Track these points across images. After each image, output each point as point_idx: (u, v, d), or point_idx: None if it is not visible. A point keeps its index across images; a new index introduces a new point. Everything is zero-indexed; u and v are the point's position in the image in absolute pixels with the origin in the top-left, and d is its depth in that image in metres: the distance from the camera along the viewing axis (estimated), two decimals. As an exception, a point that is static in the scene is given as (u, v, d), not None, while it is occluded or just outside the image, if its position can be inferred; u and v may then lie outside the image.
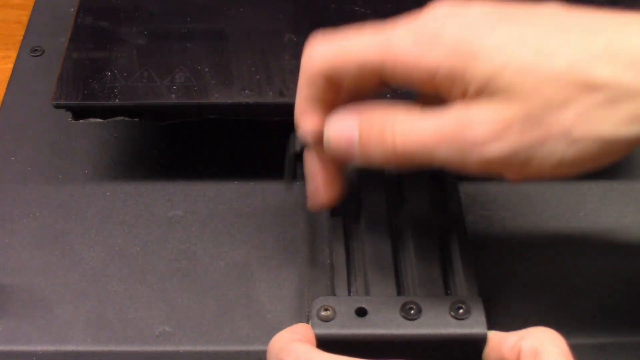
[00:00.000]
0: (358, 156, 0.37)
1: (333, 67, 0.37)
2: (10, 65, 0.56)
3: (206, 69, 0.47)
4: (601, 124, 0.33)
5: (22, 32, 0.58)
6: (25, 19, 0.60)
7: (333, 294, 0.41)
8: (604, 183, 0.49)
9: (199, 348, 0.42)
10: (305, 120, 0.39)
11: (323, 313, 0.38)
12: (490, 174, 0.35)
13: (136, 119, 0.46)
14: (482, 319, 0.37)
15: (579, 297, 0.44)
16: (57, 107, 0.46)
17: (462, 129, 0.34)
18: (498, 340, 0.37)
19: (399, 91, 0.44)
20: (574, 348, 0.35)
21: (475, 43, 0.34)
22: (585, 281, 0.44)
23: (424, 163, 0.35)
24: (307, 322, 0.38)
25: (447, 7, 0.36)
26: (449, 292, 0.41)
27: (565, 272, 0.45)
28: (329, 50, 0.37)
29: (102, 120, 0.46)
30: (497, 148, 0.34)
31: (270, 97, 0.46)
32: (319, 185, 0.40)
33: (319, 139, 0.38)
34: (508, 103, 0.33)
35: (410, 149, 0.35)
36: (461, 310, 0.38)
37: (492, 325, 0.38)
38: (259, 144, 0.51)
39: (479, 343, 0.37)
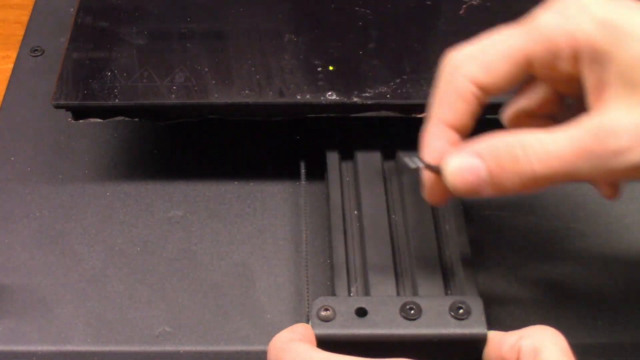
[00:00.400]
0: (489, 190, 0.36)
1: (481, 65, 0.36)
2: (10, 65, 0.56)
3: (206, 69, 0.47)
4: None
5: (22, 32, 0.58)
6: (25, 19, 0.60)
7: (333, 294, 0.41)
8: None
9: (199, 348, 0.42)
10: (431, 145, 0.38)
11: (323, 313, 0.38)
12: (631, 179, 0.34)
13: (136, 119, 0.46)
14: (482, 319, 0.37)
15: (579, 297, 0.44)
16: (57, 107, 0.46)
17: (604, 140, 0.33)
18: (498, 340, 0.37)
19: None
20: (574, 348, 0.35)
21: (627, 22, 0.33)
22: (585, 281, 0.44)
23: (564, 181, 0.35)
24: (307, 322, 0.38)
25: None
26: (449, 292, 0.41)
27: (565, 272, 0.45)
28: (474, 51, 0.37)
29: (102, 120, 0.46)
30: None
31: (270, 97, 0.46)
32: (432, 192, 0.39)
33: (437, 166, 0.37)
34: None
35: (550, 171, 0.34)
36: (461, 310, 0.38)
37: (492, 325, 0.38)
38: (259, 144, 0.51)
39: (479, 343, 0.37)
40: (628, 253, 0.46)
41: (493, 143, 0.36)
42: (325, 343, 0.37)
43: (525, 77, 0.37)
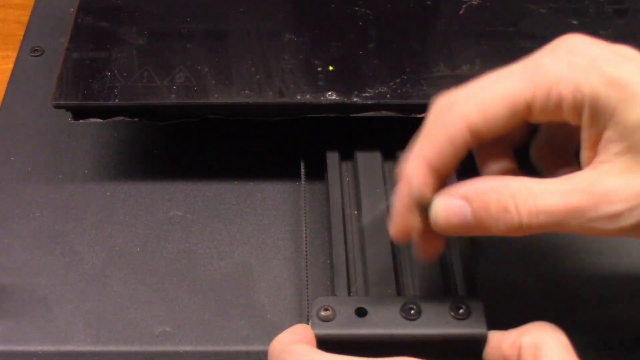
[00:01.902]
0: (473, 232, 0.35)
1: (477, 106, 0.35)
2: (10, 65, 0.56)
3: (206, 69, 0.47)
4: None
5: (22, 32, 0.58)
6: (25, 19, 0.60)
7: (333, 294, 0.41)
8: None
9: (199, 348, 0.42)
10: (420, 182, 0.36)
11: (323, 313, 0.38)
12: (620, 236, 0.34)
13: (136, 119, 0.46)
14: (482, 319, 0.38)
15: (579, 297, 0.44)
16: (57, 107, 0.46)
17: (597, 204, 0.33)
18: (498, 339, 0.37)
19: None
20: (574, 348, 0.35)
21: (636, 82, 0.33)
22: (585, 281, 0.44)
23: (550, 231, 0.34)
24: (307, 322, 0.38)
25: (587, 39, 0.35)
26: (449, 292, 0.41)
27: (565, 272, 0.45)
28: (472, 91, 0.35)
29: (102, 120, 0.46)
30: (635, 217, 0.33)
31: (270, 97, 0.46)
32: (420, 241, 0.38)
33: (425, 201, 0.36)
34: None
35: (538, 224, 0.34)
36: (461, 310, 0.38)
37: (492, 325, 0.38)
38: (259, 144, 0.51)
39: (479, 343, 0.37)
40: (628, 253, 0.46)
41: (482, 188, 0.35)
42: (325, 343, 0.37)
43: (520, 124, 0.35)
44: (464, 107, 0.35)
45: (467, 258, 0.42)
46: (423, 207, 0.36)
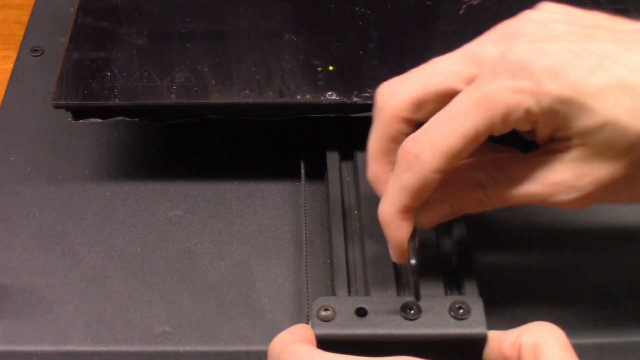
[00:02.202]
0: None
1: (417, 102, 0.37)
2: (10, 65, 0.56)
3: (206, 69, 0.47)
4: None
5: (22, 32, 0.58)
6: (25, 19, 0.60)
7: (333, 294, 0.41)
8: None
9: (199, 348, 0.42)
10: (379, 172, 0.39)
11: (323, 313, 0.38)
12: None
13: (136, 119, 0.46)
14: (482, 319, 0.37)
15: (579, 297, 0.44)
16: (57, 107, 0.46)
17: (553, 193, 0.37)
18: (498, 339, 0.37)
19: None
20: (574, 348, 0.35)
21: (581, 91, 0.34)
22: (586, 281, 0.44)
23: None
24: (307, 322, 0.38)
25: (538, 18, 0.37)
26: (448, 292, 0.41)
27: (565, 272, 0.45)
28: (411, 87, 0.38)
29: (102, 120, 0.46)
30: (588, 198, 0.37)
31: (270, 97, 0.46)
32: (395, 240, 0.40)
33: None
34: (604, 164, 0.36)
35: (505, 205, 0.38)
36: (461, 310, 0.38)
37: (492, 325, 0.38)
38: (259, 144, 0.51)
39: (479, 343, 0.37)
40: (629, 253, 0.46)
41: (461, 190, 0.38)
42: (325, 343, 0.37)
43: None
44: (401, 98, 0.38)
45: (467, 257, 0.42)
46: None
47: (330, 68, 0.47)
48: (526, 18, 0.38)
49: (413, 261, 0.38)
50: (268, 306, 0.43)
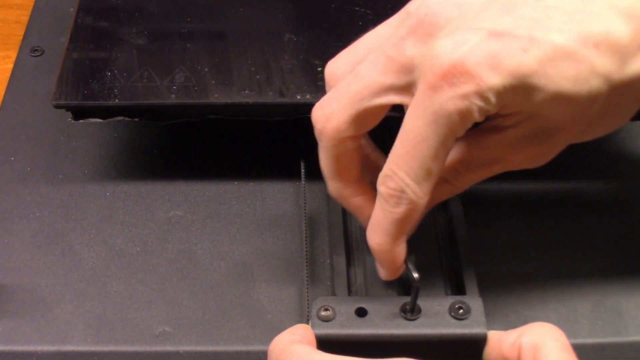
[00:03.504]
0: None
1: (355, 121, 0.38)
2: (10, 65, 0.56)
3: (206, 69, 0.47)
4: None
5: (22, 32, 0.58)
6: (25, 19, 0.60)
7: (333, 294, 0.41)
8: (604, 183, 0.49)
9: (199, 348, 0.42)
10: (340, 189, 0.40)
11: (323, 313, 0.38)
12: None
13: (136, 119, 0.46)
14: (482, 319, 0.37)
15: (579, 297, 0.44)
16: (57, 107, 0.46)
17: (517, 166, 0.38)
18: (498, 339, 0.37)
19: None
20: (574, 348, 0.35)
21: (515, 67, 0.34)
22: (585, 281, 0.44)
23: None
24: (307, 322, 0.38)
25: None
26: (448, 292, 0.41)
27: (565, 272, 0.45)
28: (347, 107, 0.37)
29: (102, 120, 0.46)
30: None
31: (270, 97, 0.46)
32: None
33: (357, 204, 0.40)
34: (560, 130, 0.37)
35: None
36: (461, 310, 0.38)
37: (492, 325, 0.38)
38: (259, 144, 0.51)
39: (479, 343, 0.37)
40: (629, 253, 0.46)
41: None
42: (325, 343, 0.37)
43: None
44: (336, 121, 0.38)
45: (467, 257, 0.42)
46: None
47: (330, 68, 0.47)
48: None
49: (416, 275, 0.38)
50: (268, 306, 0.43)
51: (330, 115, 0.38)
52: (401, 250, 0.38)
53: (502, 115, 0.36)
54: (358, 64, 0.38)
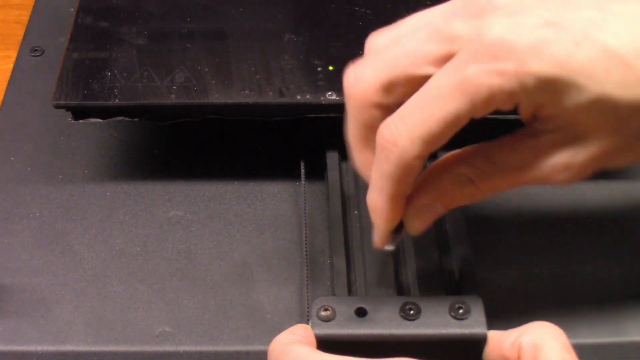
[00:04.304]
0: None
1: (386, 86, 0.36)
2: (10, 65, 0.56)
3: (206, 69, 0.47)
4: None
5: (22, 32, 0.58)
6: (25, 19, 0.60)
7: (333, 294, 0.41)
8: (604, 183, 0.49)
9: (199, 348, 0.42)
10: (364, 160, 0.38)
11: (323, 313, 0.38)
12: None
13: (136, 119, 0.46)
14: (482, 319, 0.37)
15: (579, 297, 0.44)
16: (57, 107, 0.46)
17: (546, 177, 0.36)
18: (498, 339, 0.37)
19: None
20: (574, 348, 0.35)
21: (563, 59, 0.33)
22: (585, 281, 0.44)
23: None
24: (307, 322, 0.38)
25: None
26: (449, 292, 0.41)
27: (565, 272, 0.45)
28: (379, 70, 0.36)
29: (102, 120, 0.46)
30: (578, 174, 0.36)
31: (270, 97, 0.46)
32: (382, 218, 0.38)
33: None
34: (597, 139, 0.35)
35: (497, 192, 0.37)
36: (461, 310, 0.38)
37: (492, 325, 0.38)
38: (259, 144, 0.51)
39: (479, 343, 0.37)
40: (629, 253, 0.46)
41: (444, 187, 0.37)
42: (325, 343, 0.37)
43: None
44: (371, 81, 0.36)
45: (467, 258, 0.42)
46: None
47: (330, 68, 0.47)
48: None
49: (391, 247, 0.38)
50: (268, 306, 0.43)
51: (362, 75, 0.36)
52: (395, 213, 0.37)
53: (540, 119, 0.35)
54: (401, 37, 0.36)
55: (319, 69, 0.47)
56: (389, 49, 0.36)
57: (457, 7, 0.35)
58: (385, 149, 0.35)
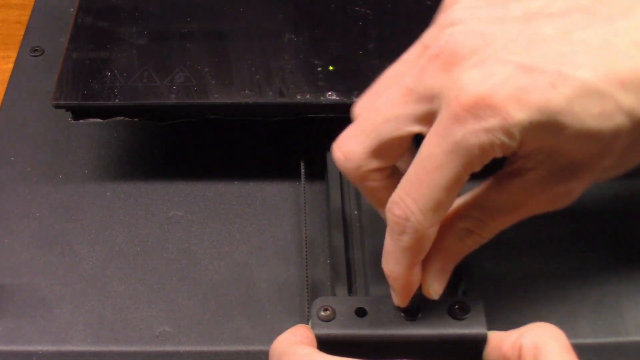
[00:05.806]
0: None
1: (376, 155, 0.36)
2: (10, 65, 0.56)
3: (206, 69, 0.47)
4: None
5: (22, 32, 0.58)
6: (25, 19, 0.60)
7: (333, 294, 0.41)
8: (604, 183, 0.48)
9: (199, 348, 0.42)
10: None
11: (323, 313, 0.38)
12: None
13: (136, 119, 0.46)
14: (482, 319, 0.37)
15: (579, 297, 0.44)
16: (57, 107, 0.46)
17: (542, 209, 0.38)
18: (498, 339, 0.37)
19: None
20: (574, 348, 0.35)
21: (542, 103, 0.33)
22: (585, 281, 0.44)
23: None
24: (307, 322, 0.38)
25: (465, 21, 0.35)
26: (449, 292, 0.41)
27: (565, 272, 0.45)
28: (364, 143, 0.36)
29: (102, 120, 0.46)
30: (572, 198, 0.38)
31: (270, 97, 0.46)
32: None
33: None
34: (585, 168, 0.36)
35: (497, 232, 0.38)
36: (461, 311, 0.38)
37: (492, 325, 0.38)
38: (258, 144, 0.51)
39: (479, 343, 0.37)
40: (629, 253, 0.46)
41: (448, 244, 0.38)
42: (325, 343, 0.37)
43: None
44: (357, 159, 0.37)
45: (467, 258, 0.42)
46: None
47: (330, 68, 0.47)
48: (452, 23, 0.36)
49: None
50: (268, 306, 0.43)
51: (348, 153, 0.37)
52: (414, 278, 0.37)
53: (522, 157, 0.35)
54: (378, 102, 0.37)
55: (319, 69, 0.47)
56: (369, 118, 0.37)
57: (424, 61, 0.35)
58: (398, 225, 0.36)
